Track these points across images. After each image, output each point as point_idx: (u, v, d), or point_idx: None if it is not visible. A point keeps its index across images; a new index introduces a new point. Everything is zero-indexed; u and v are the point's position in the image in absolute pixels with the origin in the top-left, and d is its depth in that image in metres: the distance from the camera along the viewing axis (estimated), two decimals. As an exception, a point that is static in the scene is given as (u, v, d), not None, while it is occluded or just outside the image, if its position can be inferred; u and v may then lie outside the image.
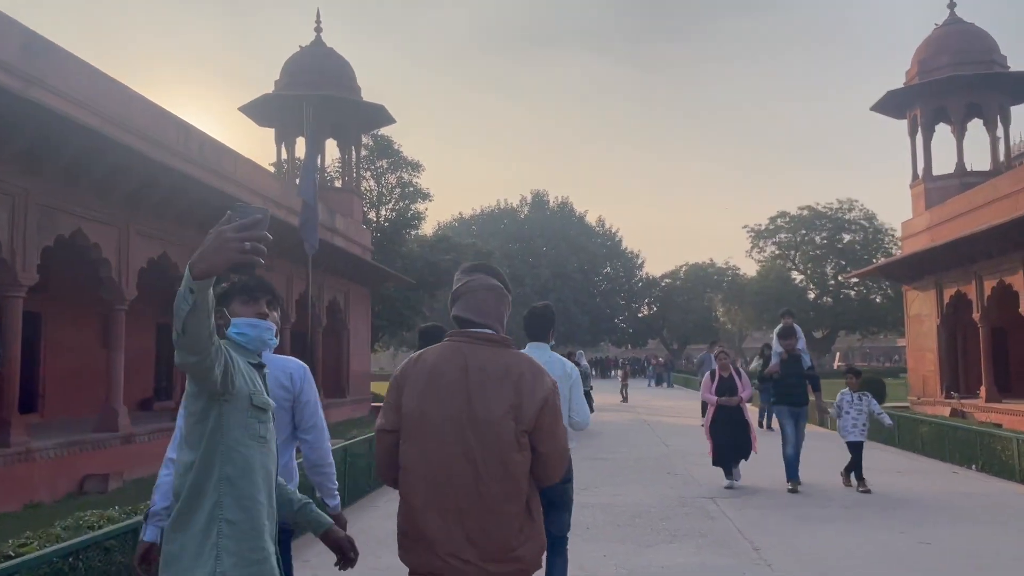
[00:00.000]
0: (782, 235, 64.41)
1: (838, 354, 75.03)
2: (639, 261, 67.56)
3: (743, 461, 9.26)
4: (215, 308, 1.98)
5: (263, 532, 2.20)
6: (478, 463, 2.26)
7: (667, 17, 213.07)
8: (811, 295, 63.42)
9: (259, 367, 2.41)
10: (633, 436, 15.23)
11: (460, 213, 64.62)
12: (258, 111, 22.77)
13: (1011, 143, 20.25)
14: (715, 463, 9.27)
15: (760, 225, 64.74)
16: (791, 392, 9.21)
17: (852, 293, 62.24)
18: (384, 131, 28.02)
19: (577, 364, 18.23)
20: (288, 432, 3.10)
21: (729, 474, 9.18)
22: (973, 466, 10.41)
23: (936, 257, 18.32)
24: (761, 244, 64.98)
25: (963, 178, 19.44)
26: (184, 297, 1.88)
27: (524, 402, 2.29)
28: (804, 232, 63.57)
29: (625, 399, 25.86)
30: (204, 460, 2.15)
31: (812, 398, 9.80)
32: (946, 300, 18.86)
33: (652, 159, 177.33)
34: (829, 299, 62.26)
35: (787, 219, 63.94)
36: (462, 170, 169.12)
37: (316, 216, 10.57)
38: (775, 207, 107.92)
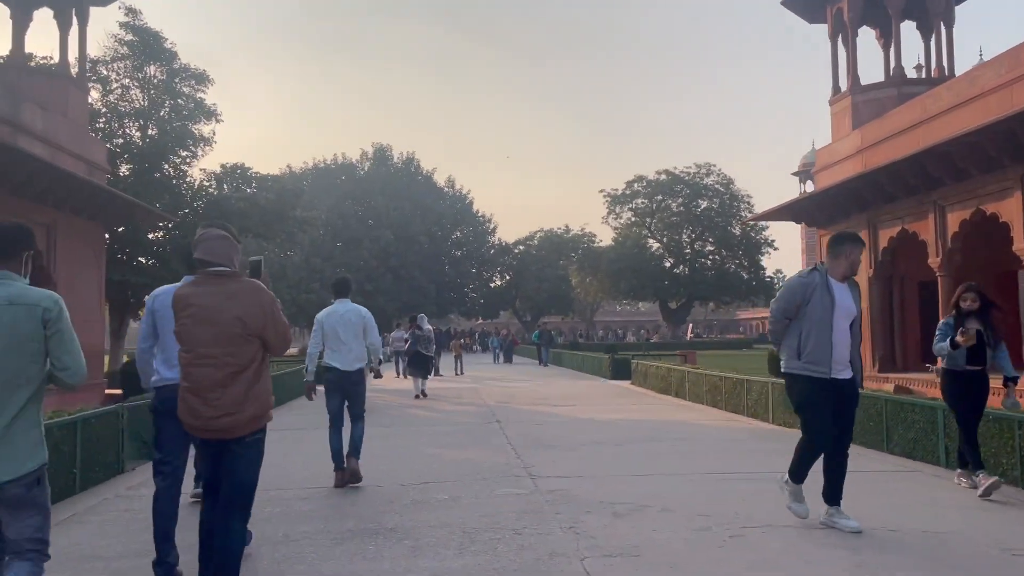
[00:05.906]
0: (639, 200, 61.36)
1: (690, 325, 73.47)
2: (491, 226, 62.28)
3: None
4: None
5: None
6: (219, 355, 3.48)
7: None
8: (667, 264, 60.79)
9: None
10: (474, 452, 8.96)
11: (289, 167, 56.48)
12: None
13: (954, 56, 16.04)
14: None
15: (617, 190, 61.37)
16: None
17: (708, 262, 60.12)
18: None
19: (420, 327, 16.85)
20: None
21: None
22: None
23: (874, 185, 13.84)
24: (618, 210, 61.67)
25: (902, 88, 15.09)
26: None
27: (247, 312, 3.49)
28: (661, 198, 60.80)
29: (461, 372, 23.96)
30: None
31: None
32: (883, 244, 14.49)
33: (504, 121, 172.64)
34: (685, 268, 59.78)
35: (644, 184, 60.98)
36: (307, 131, 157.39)
37: None
38: (633, 172, 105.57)
